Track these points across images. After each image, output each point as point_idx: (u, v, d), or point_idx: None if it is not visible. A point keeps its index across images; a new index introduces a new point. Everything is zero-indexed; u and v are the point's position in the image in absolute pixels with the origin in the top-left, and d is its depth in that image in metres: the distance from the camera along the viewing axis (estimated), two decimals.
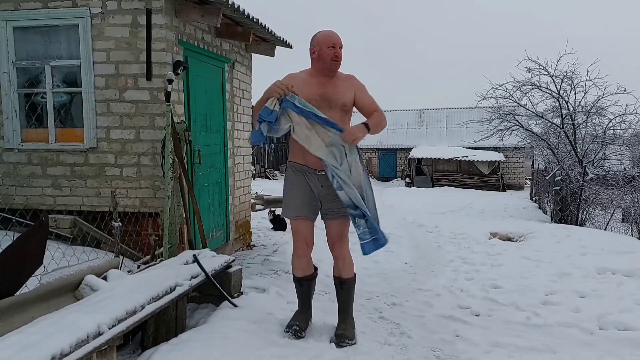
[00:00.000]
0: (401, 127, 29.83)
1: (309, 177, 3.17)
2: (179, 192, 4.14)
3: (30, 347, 1.90)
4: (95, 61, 4.48)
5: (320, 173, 3.14)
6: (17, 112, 4.66)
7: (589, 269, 5.25)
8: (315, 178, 3.16)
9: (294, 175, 3.23)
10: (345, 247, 3.32)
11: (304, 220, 3.24)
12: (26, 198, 4.66)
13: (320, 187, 3.18)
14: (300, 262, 3.33)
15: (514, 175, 25.92)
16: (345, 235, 3.30)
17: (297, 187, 3.21)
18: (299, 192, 3.20)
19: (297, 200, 3.20)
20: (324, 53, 3.09)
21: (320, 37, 3.13)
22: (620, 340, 3.53)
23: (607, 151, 14.10)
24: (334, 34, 3.14)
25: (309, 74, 3.20)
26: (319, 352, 2.97)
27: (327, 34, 3.14)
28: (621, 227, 9.92)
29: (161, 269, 3.31)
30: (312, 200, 3.21)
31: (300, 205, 3.20)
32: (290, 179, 3.26)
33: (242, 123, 6.43)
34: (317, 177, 3.16)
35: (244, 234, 6.59)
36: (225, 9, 4.57)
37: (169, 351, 2.65)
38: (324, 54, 3.09)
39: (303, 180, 3.19)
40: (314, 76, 3.16)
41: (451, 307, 4.31)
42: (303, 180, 3.19)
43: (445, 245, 7.60)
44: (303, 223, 3.24)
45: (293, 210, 3.23)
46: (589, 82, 13.28)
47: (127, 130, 4.51)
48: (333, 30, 3.16)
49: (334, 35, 3.13)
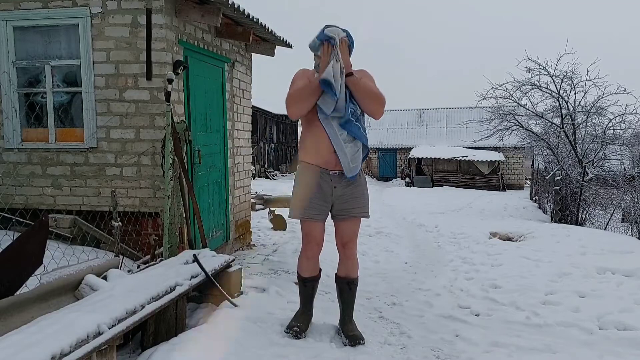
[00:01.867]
0: (401, 126, 29.85)
1: (322, 177, 3.11)
2: (178, 191, 4.14)
3: (30, 347, 1.90)
4: (95, 61, 4.47)
5: (333, 173, 3.10)
6: (17, 112, 4.66)
7: (589, 268, 5.25)
8: (329, 178, 3.12)
9: (306, 176, 3.15)
10: (356, 247, 3.31)
11: (315, 221, 3.17)
12: (26, 198, 4.66)
13: (333, 188, 3.13)
14: (309, 263, 3.30)
15: (513, 175, 25.94)
16: (356, 235, 3.29)
17: (309, 188, 3.13)
18: (311, 193, 3.13)
19: (309, 202, 3.13)
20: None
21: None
22: (620, 340, 3.53)
23: (607, 151, 14.09)
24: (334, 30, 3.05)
25: None
26: (319, 351, 2.97)
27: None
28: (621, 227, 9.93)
29: (161, 269, 3.31)
30: (324, 201, 3.15)
31: (311, 206, 3.14)
32: (301, 179, 3.19)
33: (242, 123, 6.43)
34: (330, 177, 3.12)
35: (244, 233, 6.59)
36: (225, 8, 4.57)
37: (169, 351, 2.65)
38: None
39: (315, 181, 3.12)
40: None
41: (451, 307, 4.32)
42: (315, 181, 3.12)
43: (445, 245, 7.61)
44: (314, 224, 3.18)
45: (304, 211, 3.15)
46: (589, 82, 13.28)
47: (127, 129, 4.51)
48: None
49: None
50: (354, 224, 3.23)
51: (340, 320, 3.35)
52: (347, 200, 3.14)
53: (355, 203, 3.15)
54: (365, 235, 8.03)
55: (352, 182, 3.14)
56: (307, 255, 3.28)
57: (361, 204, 3.21)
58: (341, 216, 3.20)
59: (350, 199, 3.12)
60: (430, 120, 29.81)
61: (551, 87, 13.87)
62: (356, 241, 3.30)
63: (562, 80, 13.55)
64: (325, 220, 3.24)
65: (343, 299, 3.34)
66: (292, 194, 3.30)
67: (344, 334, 3.23)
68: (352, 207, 3.15)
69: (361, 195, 3.21)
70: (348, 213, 3.18)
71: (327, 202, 3.16)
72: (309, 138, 3.15)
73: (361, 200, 3.21)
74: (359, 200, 3.19)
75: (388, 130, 29.70)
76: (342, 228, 3.23)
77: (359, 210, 3.19)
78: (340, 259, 3.33)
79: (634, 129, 13.91)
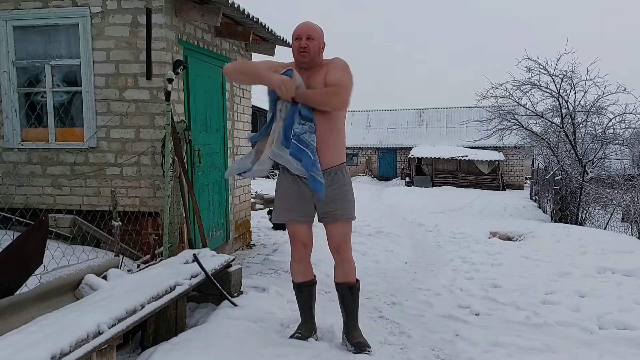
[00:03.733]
0: (401, 126, 29.84)
1: (301, 179, 3.00)
2: (178, 191, 4.14)
3: (30, 347, 1.90)
4: (95, 60, 4.47)
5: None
6: (17, 112, 4.65)
7: (589, 268, 5.26)
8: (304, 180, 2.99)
9: (285, 178, 3.08)
10: (350, 250, 3.19)
11: (298, 223, 3.10)
12: (26, 197, 4.66)
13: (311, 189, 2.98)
14: (299, 266, 3.20)
15: (513, 175, 25.93)
16: (349, 237, 3.17)
17: (288, 190, 3.06)
18: (290, 196, 3.05)
19: (289, 204, 3.06)
20: (293, 46, 2.97)
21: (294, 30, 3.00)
22: (620, 339, 3.53)
23: (606, 150, 14.10)
24: (301, 25, 2.98)
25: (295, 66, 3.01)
26: (319, 351, 2.97)
27: (297, 25, 2.99)
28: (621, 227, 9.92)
29: (161, 268, 3.31)
30: (305, 203, 3.05)
31: (291, 209, 3.06)
32: (281, 182, 3.12)
33: (242, 122, 6.43)
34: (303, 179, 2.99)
35: (244, 233, 6.59)
36: (225, 8, 4.57)
37: (169, 350, 2.65)
38: (293, 47, 2.98)
39: (294, 183, 3.04)
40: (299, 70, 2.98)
41: (451, 307, 4.32)
42: (294, 183, 3.04)
43: (445, 244, 7.61)
44: (298, 226, 3.11)
45: (285, 214, 3.10)
46: (589, 81, 13.30)
47: (127, 129, 4.51)
48: (306, 21, 3.00)
49: (300, 27, 2.97)
50: (342, 226, 3.10)
51: (344, 328, 3.21)
52: (328, 202, 3.00)
53: (338, 205, 3.02)
54: (365, 235, 8.04)
55: (333, 183, 3.00)
56: (295, 257, 3.19)
57: (344, 206, 3.06)
58: (326, 219, 3.08)
59: (332, 201, 3.00)
60: (430, 119, 29.80)
61: (551, 87, 13.88)
62: (350, 244, 3.18)
63: (562, 79, 13.56)
64: (310, 221, 3.14)
65: (346, 306, 3.18)
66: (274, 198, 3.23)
67: (349, 341, 3.12)
68: (335, 210, 3.03)
69: (344, 197, 3.06)
70: (332, 216, 3.06)
71: (307, 203, 3.05)
72: None
73: (344, 202, 3.06)
74: (342, 202, 3.05)
75: (388, 130, 29.70)
76: (332, 232, 3.11)
77: (343, 212, 3.05)
78: (336, 263, 3.20)
79: (634, 129, 13.92)
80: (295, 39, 2.96)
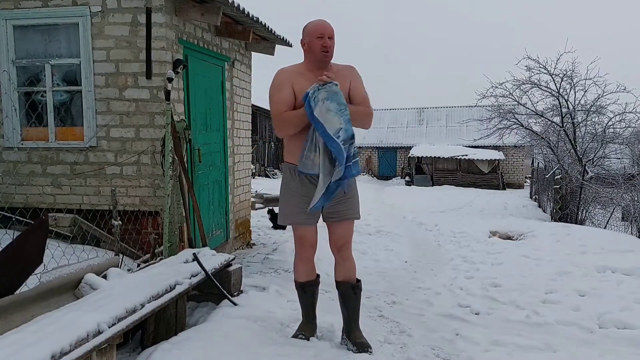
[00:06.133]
0: (401, 125, 29.84)
1: (309, 180, 2.97)
2: (178, 190, 4.14)
3: (30, 346, 1.90)
4: (95, 60, 4.47)
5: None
6: (17, 111, 4.65)
7: (589, 267, 5.26)
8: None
9: (291, 180, 3.04)
10: (351, 249, 3.19)
11: (307, 226, 3.08)
12: (26, 197, 4.66)
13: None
14: (305, 267, 3.18)
15: (513, 174, 25.93)
16: (351, 237, 3.17)
17: (295, 193, 3.02)
18: (297, 198, 3.00)
19: (297, 207, 3.01)
20: (314, 44, 2.91)
21: (310, 27, 2.95)
22: (620, 339, 3.53)
23: (606, 150, 14.10)
24: (322, 23, 2.95)
25: (305, 67, 3.01)
26: (318, 351, 2.97)
27: (316, 23, 2.96)
28: (621, 226, 9.92)
29: (161, 268, 3.31)
30: None
31: (300, 212, 3.01)
32: (287, 183, 3.08)
33: (242, 122, 6.43)
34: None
35: (244, 232, 6.59)
36: (225, 7, 4.57)
37: (169, 350, 2.65)
38: (313, 45, 2.91)
39: (300, 185, 3.00)
40: (310, 70, 2.96)
41: (451, 306, 4.32)
42: (300, 185, 3.00)
43: (445, 243, 7.61)
44: (307, 228, 3.09)
45: (293, 217, 3.07)
46: (589, 80, 13.27)
47: (127, 128, 4.51)
48: (323, 20, 2.97)
49: (323, 25, 2.94)
50: (348, 226, 3.12)
51: (345, 328, 3.19)
52: (337, 202, 3.00)
53: (348, 205, 3.03)
54: (365, 234, 8.04)
55: None
56: (302, 258, 3.17)
57: (352, 206, 3.09)
58: (333, 219, 3.08)
59: (340, 202, 3.00)
60: (430, 119, 29.80)
61: (551, 86, 13.87)
62: (351, 242, 3.19)
63: (562, 78, 13.55)
64: (317, 222, 3.13)
65: (348, 305, 3.15)
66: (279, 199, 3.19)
67: (350, 341, 3.10)
68: (344, 210, 3.04)
69: (352, 196, 3.08)
70: (340, 216, 3.06)
71: None
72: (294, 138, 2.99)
73: (352, 201, 3.08)
74: (350, 202, 3.07)
75: (388, 129, 29.69)
76: (337, 232, 3.11)
77: (351, 212, 3.06)
78: (337, 262, 3.19)
79: (634, 128, 13.91)
80: (317, 37, 2.91)
